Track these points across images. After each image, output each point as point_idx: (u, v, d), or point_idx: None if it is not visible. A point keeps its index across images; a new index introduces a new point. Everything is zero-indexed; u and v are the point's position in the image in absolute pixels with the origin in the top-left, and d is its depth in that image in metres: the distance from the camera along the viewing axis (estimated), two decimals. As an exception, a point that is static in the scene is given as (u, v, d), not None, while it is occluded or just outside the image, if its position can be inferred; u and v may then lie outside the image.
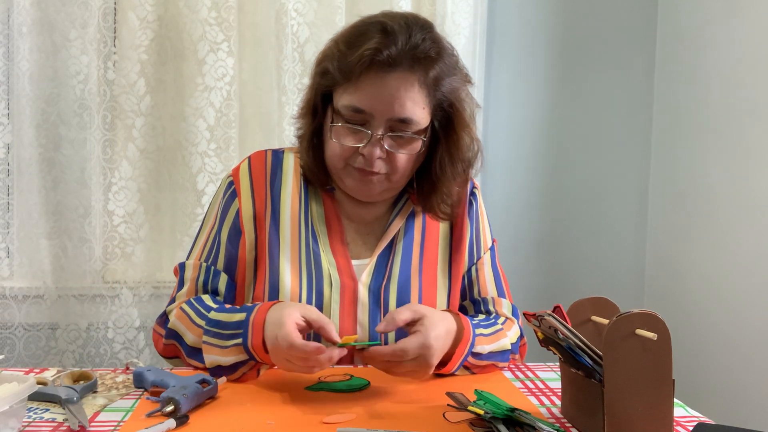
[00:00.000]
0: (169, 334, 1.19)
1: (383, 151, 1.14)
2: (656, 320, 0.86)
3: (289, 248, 1.22)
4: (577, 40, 2.17)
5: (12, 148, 1.85)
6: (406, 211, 1.28)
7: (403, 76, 1.11)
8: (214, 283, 1.22)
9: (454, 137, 1.19)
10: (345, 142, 1.15)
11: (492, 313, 1.28)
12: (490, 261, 1.32)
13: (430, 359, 1.04)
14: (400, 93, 1.11)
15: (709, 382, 1.91)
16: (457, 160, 1.21)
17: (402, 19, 1.14)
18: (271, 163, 1.27)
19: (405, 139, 1.15)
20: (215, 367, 1.10)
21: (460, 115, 1.19)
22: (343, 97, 1.14)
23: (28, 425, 0.92)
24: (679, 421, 0.98)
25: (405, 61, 1.11)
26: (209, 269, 1.23)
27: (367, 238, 1.27)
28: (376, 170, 1.16)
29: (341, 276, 1.21)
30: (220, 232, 1.24)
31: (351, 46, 1.12)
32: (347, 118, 1.14)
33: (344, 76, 1.12)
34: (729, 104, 1.87)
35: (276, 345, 1.02)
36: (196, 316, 1.16)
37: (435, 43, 1.14)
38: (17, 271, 1.90)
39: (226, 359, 1.10)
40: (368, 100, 1.12)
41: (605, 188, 2.22)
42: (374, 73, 1.10)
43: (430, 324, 1.06)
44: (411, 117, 1.13)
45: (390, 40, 1.10)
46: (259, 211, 1.23)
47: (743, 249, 1.80)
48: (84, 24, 1.83)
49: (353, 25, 1.17)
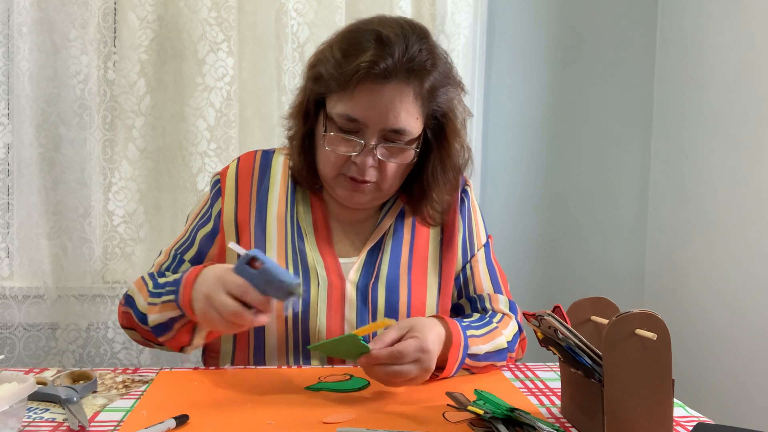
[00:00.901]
0: (126, 301, 1.23)
1: (375, 160, 1.15)
2: (656, 320, 0.86)
3: (275, 248, 1.22)
4: (577, 41, 2.17)
5: (12, 148, 1.85)
6: (396, 210, 1.28)
7: (399, 87, 1.11)
8: (176, 270, 1.25)
9: (446, 145, 1.20)
10: (338, 150, 1.15)
11: (488, 311, 1.28)
12: (485, 257, 1.32)
13: (428, 363, 1.03)
14: (395, 104, 1.11)
15: (709, 382, 1.91)
16: (448, 167, 1.22)
17: (398, 27, 1.13)
18: (259, 164, 1.28)
19: (397, 149, 1.16)
20: (156, 326, 1.14)
21: (452, 124, 1.19)
22: (337, 105, 1.14)
23: (28, 425, 0.92)
24: (679, 421, 0.98)
25: (401, 72, 1.11)
26: (176, 257, 1.26)
27: (356, 237, 1.27)
28: (367, 179, 1.16)
29: (328, 274, 1.21)
30: (198, 228, 1.26)
31: (346, 55, 1.12)
32: (341, 126, 1.14)
33: (339, 85, 1.12)
34: (729, 104, 1.87)
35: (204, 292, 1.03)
36: (150, 283, 1.19)
37: (431, 53, 1.14)
38: (17, 271, 1.90)
39: (162, 315, 1.13)
40: (363, 110, 1.12)
41: (605, 188, 2.22)
42: (370, 83, 1.10)
43: (421, 329, 1.05)
44: (405, 128, 1.13)
45: (386, 52, 1.10)
46: (241, 216, 1.24)
47: (743, 248, 1.80)
48: (84, 24, 1.83)
49: (348, 31, 1.17)
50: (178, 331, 1.14)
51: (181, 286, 1.10)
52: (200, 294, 1.05)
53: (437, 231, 1.29)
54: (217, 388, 1.07)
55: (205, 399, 1.02)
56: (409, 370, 1.02)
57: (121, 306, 1.25)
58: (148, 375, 1.13)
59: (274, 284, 0.99)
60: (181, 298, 1.10)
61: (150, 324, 1.15)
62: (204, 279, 1.07)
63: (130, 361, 1.92)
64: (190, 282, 1.09)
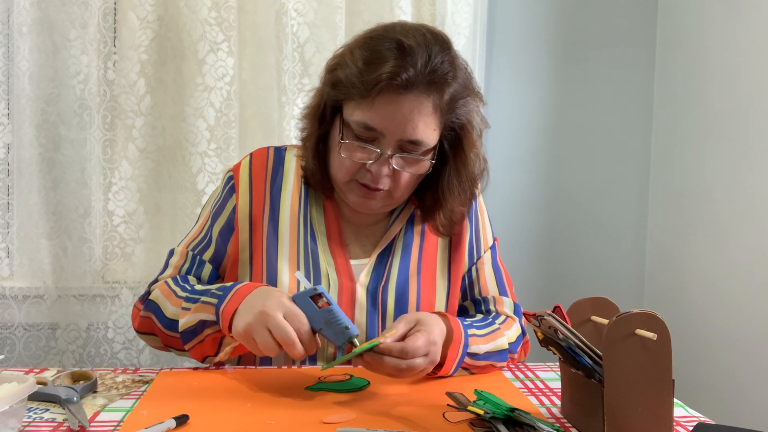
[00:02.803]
0: (147, 307, 1.21)
1: (390, 169, 1.14)
2: (656, 320, 0.86)
3: (287, 247, 1.22)
4: (577, 40, 2.17)
5: (12, 148, 1.85)
6: (407, 214, 1.28)
7: (419, 98, 1.10)
8: (198, 272, 1.24)
9: (462, 156, 1.20)
10: (353, 158, 1.15)
11: (492, 313, 1.28)
12: (491, 260, 1.32)
13: (435, 355, 1.05)
14: (413, 115, 1.11)
15: (709, 382, 1.91)
16: (464, 178, 1.21)
17: (420, 37, 1.12)
18: (273, 161, 1.27)
19: (413, 159, 1.15)
20: (185, 331, 1.13)
21: (469, 135, 1.19)
22: (355, 112, 1.13)
23: (28, 425, 0.92)
24: (679, 421, 0.98)
25: (422, 84, 1.10)
26: (195, 258, 1.25)
27: (367, 239, 1.27)
28: (381, 187, 1.15)
29: (339, 276, 1.21)
30: (213, 225, 1.25)
31: (368, 63, 1.11)
32: (357, 134, 1.13)
33: (359, 94, 1.11)
34: (729, 104, 1.87)
35: (258, 308, 1.01)
36: (179, 289, 1.17)
37: (452, 64, 1.13)
38: (17, 271, 1.90)
39: (195, 316, 1.11)
40: (381, 120, 1.11)
41: (605, 188, 2.22)
42: (390, 94, 1.09)
43: (427, 323, 1.06)
44: (422, 139, 1.13)
45: (408, 62, 1.09)
46: (255, 212, 1.23)
47: (743, 249, 1.80)
48: (84, 24, 1.83)
49: (370, 38, 1.15)
50: (206, 338, 1.12)
51: (231, 293, 1.08)
52: (252, 308, 1.02)
53: (447, 237, 1.29)
54: (217, 388, 1.06)
55: (205, 399, 1.01)
56: (419, 363, 1.02)
57: (139, 311, 1.23)
58: (148, 375, 1.13)
59: (335, 327, 1.01)
60: (224, 305, 1.07)
61: (180, 328, 1.14)
62: (259, 295, 1.05)
63: (130, 361, 1.92)
64: (242, 294, 1.07)
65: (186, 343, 1.14)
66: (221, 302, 1.08)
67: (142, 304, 1.24)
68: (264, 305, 1.01)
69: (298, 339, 0.99)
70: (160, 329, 1.18)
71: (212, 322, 1.10)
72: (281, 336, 0.99)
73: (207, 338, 1.12)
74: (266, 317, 1.00)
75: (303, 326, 1.00)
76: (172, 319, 1.16)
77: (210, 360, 1.17)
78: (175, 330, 1.16)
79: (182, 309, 1.14)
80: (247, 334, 1.02)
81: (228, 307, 1.07)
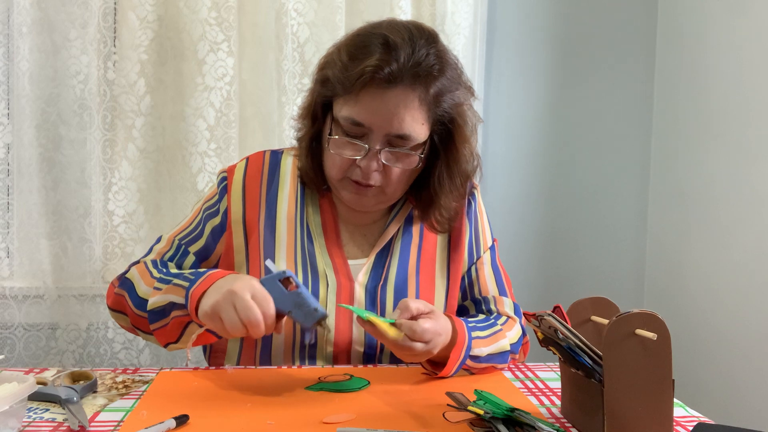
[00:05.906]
0: (122, 284, 1.20)
1: (380, 164, 1.15)
2: (656, 320, 0.86)
3: (284, 249, 1.22)
4: (577, 40, 2.17)
5: (12, 148, 1.85)
6: (404, 213, 1.28)
7: (404, 92, 1.11)
8: (180, 261, 1.23)
9: (453, 152, 1.19)
10: (343, 154, 1.15)
11: (493, 313, 1.28)
12: (491, 260, 1.32)
13: (435, 347, 1.05)
14: (399, 109, 1.11)
15: (709, 382, 1.91)
16: (456, 174, 1.21)
17: (406, 32, 1.12)
18: (268, 165, 1.27)
19: (402, 154, 1.15)
20: (153, 311, 1.12)
21: (460, 130, 1.18)
22: (343, 108, 1.13)
23: (28, 425, 0.92)
24: (679, 421, 0.98)
25: (406, 77, 1.10)
26: (180, 247, 1.24)
27: (364, 239, 1.27)
28: (371, 183, 1.16)
29: (337, 276, 1.21)
30: (207, 222, 1.25)
31: (353, 59, 1.11)
32: (346, 130, 1.14)
33: (345, 89, 1.12)
34: (729, 104, 1.87)
35: (227, 288, 1.00)
36: (155, 271, 1.17)
37: (438, 58, 1.13)
38: (17, 271, 1.90)
39: (165, 297, 1.10)
40: (367, 115, 1.11)
41: (605, 188, 2.22)
42: (374, 88, 1.10)
43: (439, 315, 1.08)
44: (409, 133, 1.13)
45: (392, 56, 1.09)
46: (250, 216, 1.23)
47: (743, 249, 1.80)
48: (84, 24, 1.83)
49: (357, 35, 1.16)
50: (172, 321, 1.11)
51: (203, 277, 1.07)
52: (220, 289, 1.02)
53: (445, 233, 1.29)
54: (217, 388, 1.06)
55: (205, 399, 1.02)
56: (419, 348, 1.03)
57: (114, 287, 1.23)
58: (148, 375, 1.13)
59: (304, 309, 1.02)
60: (194, 288, 1.07)
61: (149, 307, 1.13)
62: (230, 279, 1.05)
63: (130, 361, 1.92)
64: (213, 278, 1.06)
65: (152, 323, 1.13)
66: (192, 285, 1.08)
67: (118, 281, 1.23)
68: (233, 285, 1.01)
69: (263, 321, 0.99)
70: (131, 308, 1.17)
71: (181, 305, 1.09)
72: (247, 315, 0.98)
73: (172, 321, 1.11)
74: (234, 296, 0.99)
75: (269, 310, 0.99)
76: (143, 298, 1.15)
77: (172, 347, 1.16)
78: (144, 309, 1.15)
79: (154, 289, 1.14)
80: (213, 312, 1.01)
81: (197, 289, 1.06)
